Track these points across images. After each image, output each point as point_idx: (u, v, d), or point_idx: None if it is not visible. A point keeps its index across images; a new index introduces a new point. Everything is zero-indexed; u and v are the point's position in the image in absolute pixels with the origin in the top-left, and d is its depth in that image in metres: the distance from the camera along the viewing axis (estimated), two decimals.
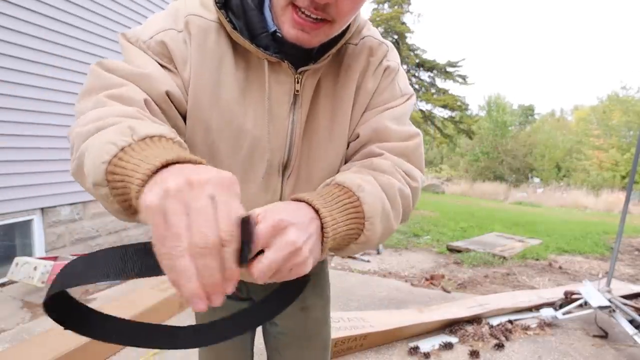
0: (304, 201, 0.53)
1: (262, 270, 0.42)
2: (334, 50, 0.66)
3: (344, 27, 0.63)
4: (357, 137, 0.73)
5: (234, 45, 0.67)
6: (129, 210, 0.46)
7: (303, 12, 0.57)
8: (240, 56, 0.67)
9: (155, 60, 0.63)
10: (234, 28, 0.64)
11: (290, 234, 0.44)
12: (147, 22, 0.68)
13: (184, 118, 0.67)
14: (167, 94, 0.62)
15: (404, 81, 0.76)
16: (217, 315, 0.52)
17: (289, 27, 0.59)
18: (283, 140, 0.70)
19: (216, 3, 0.64)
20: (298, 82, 0.67)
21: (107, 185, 0.44)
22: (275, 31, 0.65)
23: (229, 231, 0.35)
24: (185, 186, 0.35)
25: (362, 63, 0.71)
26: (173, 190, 0.34)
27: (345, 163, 0.76)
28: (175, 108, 0.65)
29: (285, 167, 0.72)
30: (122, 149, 0.43)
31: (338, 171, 0.75)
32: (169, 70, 0.64)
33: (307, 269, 0.47)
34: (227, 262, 0.35)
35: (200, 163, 0.41)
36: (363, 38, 0.72)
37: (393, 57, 0.75)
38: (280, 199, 0.73)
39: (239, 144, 0.69)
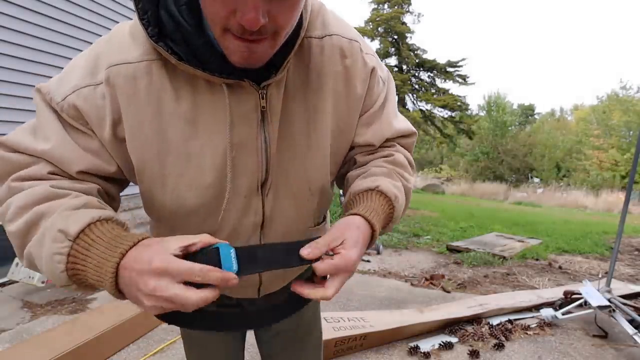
0: (369, 222, 0.65)
1: (323, 271, 0.59)
2: (292, 54, 0.60)
3: (290, 31, 0.56)
4: (368, 144, 0.75)
5: (172, 76, 0.59)
6: (90, 288, 0.57)
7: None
8: (182, 84, 0.60)
9: (70, 124, 0.60)
10: (180, 59, 0.56)
11: (353, 267, 0.60)
12: (64, 72, 0.63)
13: (114, 178, 0.65)
14: (80, 173, 0.60)
15: (381, 69, 0.73)
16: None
17: (233, 55, 0.54)
18: (257, 161, 0.65)
19: (151, 37, 0.55)
20: (263, 98, 0.61)
21: (73, 283, 0.54)
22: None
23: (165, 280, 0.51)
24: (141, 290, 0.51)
25: (336, 67, 0.66)
26: (142, 295, 0.53)
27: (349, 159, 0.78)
28: (98, 177, 0.63)
29: (263, 185, 0.68)
30: (69, 255, 0.51)
31: (330, 176, 0.75)
32: (84, 133, 0.60)
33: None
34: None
35: (140, 240, 0.52)
36: (330, 36, 0.66)
37: (368, 50, 0.70)
38: (263, 218, 0.70)
39: (204, 181, 0.64)
